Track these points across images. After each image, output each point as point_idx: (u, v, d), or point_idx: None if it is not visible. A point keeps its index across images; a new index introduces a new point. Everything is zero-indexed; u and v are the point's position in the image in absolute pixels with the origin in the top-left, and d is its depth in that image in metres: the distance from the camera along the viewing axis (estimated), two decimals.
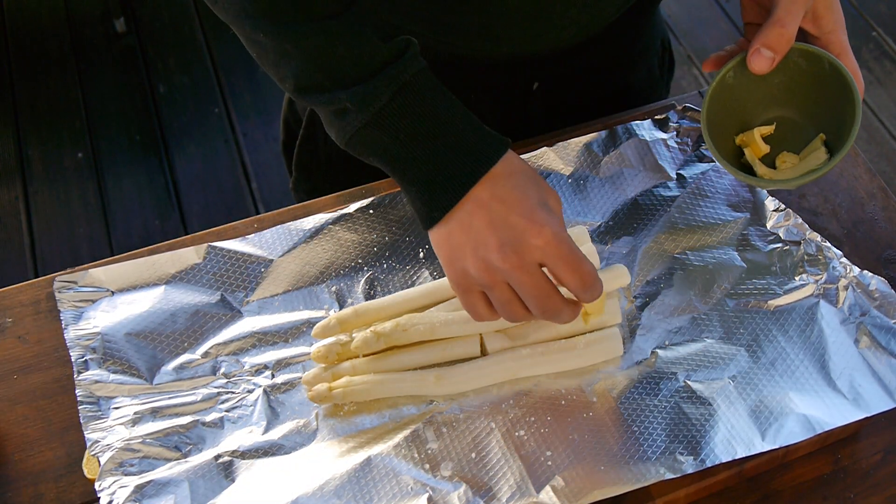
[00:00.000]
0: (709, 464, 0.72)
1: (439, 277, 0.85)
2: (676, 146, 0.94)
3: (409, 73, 0.69)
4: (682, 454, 0.73)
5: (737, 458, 0.72)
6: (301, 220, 0.90)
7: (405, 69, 0.69)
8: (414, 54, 0.70)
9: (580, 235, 0.85)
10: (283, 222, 0.90)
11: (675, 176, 0.92)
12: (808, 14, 0.77)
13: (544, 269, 0.70)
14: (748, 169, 0.84)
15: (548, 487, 0.72)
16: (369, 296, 0.85)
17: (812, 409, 0.75)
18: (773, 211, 0.88)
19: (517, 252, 0.68)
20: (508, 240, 0.68)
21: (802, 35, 0.79)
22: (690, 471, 0.71)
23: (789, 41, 0.76)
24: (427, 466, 0.74)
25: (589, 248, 0.83)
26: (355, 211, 0.90)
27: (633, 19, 0.96)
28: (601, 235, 0.88)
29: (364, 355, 0.80)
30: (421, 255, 0.87)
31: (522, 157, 0.93)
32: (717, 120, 0.82)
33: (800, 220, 0.87)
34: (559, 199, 0.72)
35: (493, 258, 0.68)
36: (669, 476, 0.71)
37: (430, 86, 0.70)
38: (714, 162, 0.93)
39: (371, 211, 0.90)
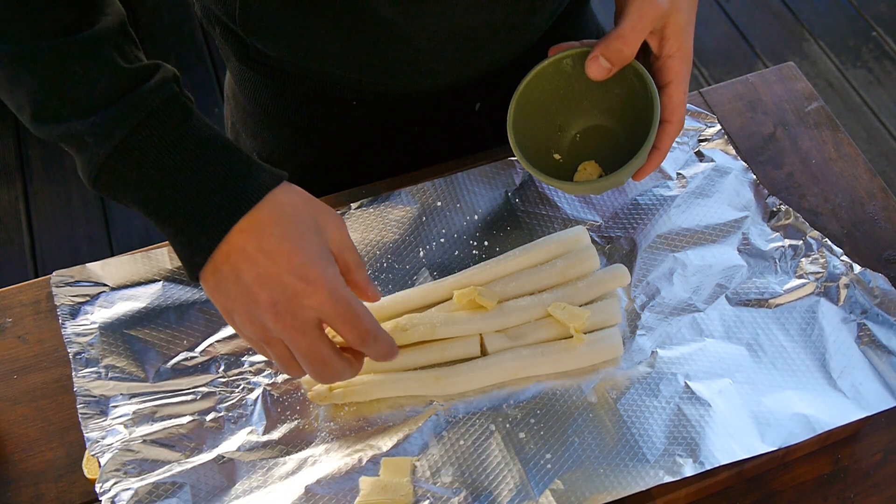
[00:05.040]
0: (708, 466, 0.72)
1: (439, 277, 0.85)
2: (676, 146, 0.94)
3: (157, 99, 0.62)
4: (681, 456, 0.72)
5: (736, 460, 0.72)
6: None
7: (152, 95, 0.62)
8: (164, 79, 0.64)
9: (580, 235, 0.85)
10: None
11: (674, 176, 0.92)
12: (656, 32, 0.77)
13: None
14: (545, 154, 0.85)
15: (547, 491, 0.71)
16: None
17: (812, 408, 0.75)
18: (774, 210, 0.88)
19: (291, 313, 0.62)
20: (281, 300, 0.62)
21: (646, 51, 0.79)
22: (689, 473, 0.71)
23: (627, 57, 0.76)
24: (427, 473, 0.74)
25: (589, 249, 0.83)
26: (355, 211, 0.90)
27: (562, 25, 0.96)
28: (601, 235, 0.88)
29: None
30: (421, 254, 0.87)
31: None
32: (543, 98, 0.82)
33: (800, 219, 0.87)
34: (340, 224, 0.67)
35: (266, 319, 0.63)
36: (668, 479, 0.71)
37: (183, 114, 0.63)
38: (714, 161, 0.93)
39: (371, 211, 0.90)
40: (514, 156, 0.94)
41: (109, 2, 0.67)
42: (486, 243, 0.88)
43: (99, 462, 0.74)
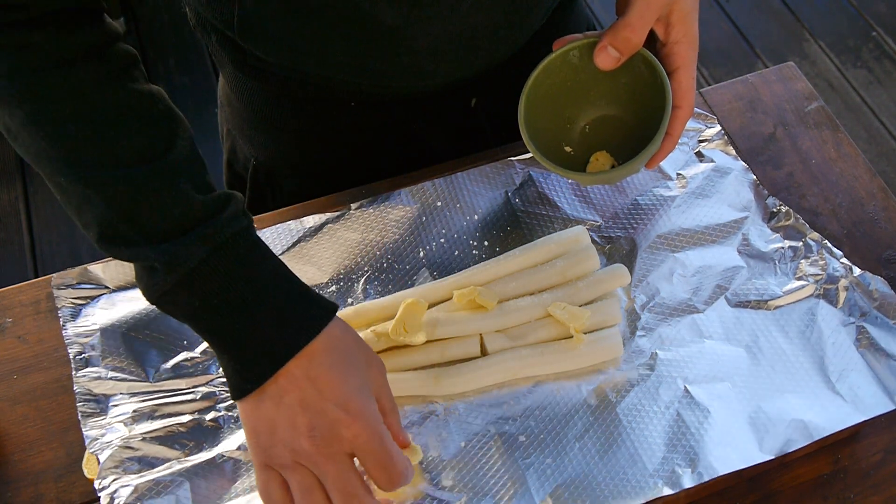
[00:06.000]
0: (706, 477, 0.71)
1: (439, 277, 0.85)
2: (676, 146, 0.94)
3: (227, 233, 0.64)
4: (679, 466, 0.72)
5: (734, 470, 0.72)
6: (301, 218, 0.90)
7: (223, 229, 0.64)
8: (235, 213, 0.65)
9: (580, 235, 0.85)
10: (283, 222, 0.90)
11: (674, 176, 0.92)
12: (662, 19, 0.77)
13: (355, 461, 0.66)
14: (555, 144, 0.84)
15: (548, 498, 0.71)
16: (369, 296, 0.85)
17: (811, 413, 0.75)
18: (774, 211, 0.88)
19: (326, 440, 0.64)
20: (319, 426, 0.64)
21: (652, 38, 0.79)
22: (688, 485, 0.71)
23: (636, 46, 0.76)
24: (427, 476, 0.74)
25: (589, 249, 0.83)
26: (355, 210, 0.90)
27: (556, 20, 0.96)
28: (601, 235, 0.88)
29: None
30: (421, 254, 0.87)
31: (520, 158, 0.93)
32: (551, 92, 0.82)
33: (801, 221, 0.87)
34: (382, 368, 0.70)
35: (301, 441, 0.64)
36: (668, 492, 0.71)
37: (250, 247, 0.65)
38: (714, 162, 0.93)
39: (371, 211, 0.90)
40: (514, 155, 0.94)
41: (181, 124, 0.67)
42: (486, 243, 0.88)
43: (98, 461, 0.74)
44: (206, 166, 0.68)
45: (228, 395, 0.79)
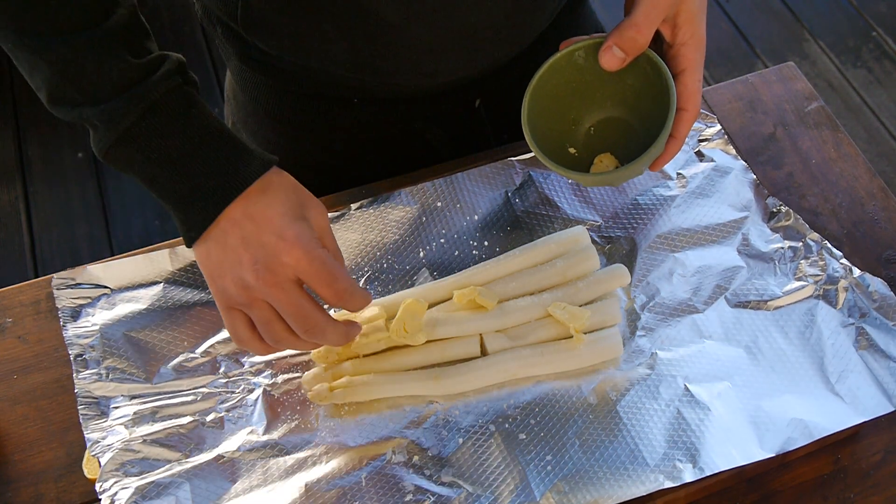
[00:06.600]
0: (707, 472, 0.72)
1: (439, 277, 0.85)
2: None
3: (159, 91, 0.68)
4: (680, 461, 0.72)
5: (735, 466, 0.72)
6: None
7: (154, 88, 0.68)
8: (168, 71, 0.69)
9: (580, 235, 0.85)
10: None
11: (675, 176, 0.92)
12: (668, 20, 0.76)
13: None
14: (559, 146, 0.84)
15: (548, 493, 0.72)
16: None
17: (811, 413, 0.75)
18: (774, 211, 0.88)
19: (270, 270, 0.68)
20: (261, 258, 0.68)
21: (658, 39, 0.78)
22: (689, 479, 0.71)
23: (641, 46, 0.75)
24: (427, 472, 0.74)
25: (589, 249, 0.83)
26: (355, 211, 0.90)
27: (561, 22, 0.96)
28: (601, 235, 0.88)
29: (364, 355, 0.80)
30: (421, 254, 0.87)
31: (520, 158, 0.93)
32: (555, 92, 0.81)
33: (801, 221, 0.87)
34: (323, 211, 0.73)
35: (247, 276, 0.68)
36: (669, 485, 0.71)
37: (184, 104, 0.69)
38: (714, 161, 0.93)
39: (371, 211, 0.90)
40: (514, 155, 0.94)
41: None
42: (486, 243, 0.88)
43: (99, 462, 0.74)
44: (150, 35, 0.73)
45: (229, 395, 0.79)
